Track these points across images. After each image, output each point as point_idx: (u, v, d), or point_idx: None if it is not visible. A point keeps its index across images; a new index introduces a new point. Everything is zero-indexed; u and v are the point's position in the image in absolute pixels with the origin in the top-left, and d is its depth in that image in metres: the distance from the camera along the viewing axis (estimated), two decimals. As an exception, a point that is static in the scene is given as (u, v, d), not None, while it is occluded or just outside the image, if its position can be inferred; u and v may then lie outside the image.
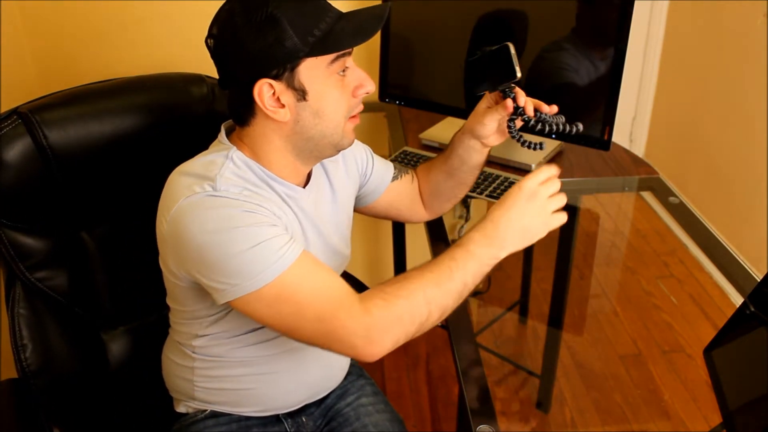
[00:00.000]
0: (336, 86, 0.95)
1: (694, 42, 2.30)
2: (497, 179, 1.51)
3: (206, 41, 0.98)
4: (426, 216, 1.32)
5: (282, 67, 0.91)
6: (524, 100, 1.06)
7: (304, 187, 1.05)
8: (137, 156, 1.22)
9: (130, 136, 1.19)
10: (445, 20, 1.64)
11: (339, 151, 1.02)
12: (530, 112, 1.06)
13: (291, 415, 1.18)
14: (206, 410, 1.14)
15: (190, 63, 1.94)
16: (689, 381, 1.07)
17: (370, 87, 0.97)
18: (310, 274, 0.90)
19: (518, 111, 1.05)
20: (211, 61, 0.98)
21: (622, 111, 1.47)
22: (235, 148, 0.98)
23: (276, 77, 0.91)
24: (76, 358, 1.18)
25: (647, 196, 1.56)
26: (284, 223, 0.96)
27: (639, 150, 2.61)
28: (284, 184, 1.00)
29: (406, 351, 2.19)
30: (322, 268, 0.92)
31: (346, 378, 1.25)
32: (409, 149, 1.67)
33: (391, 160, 1.59)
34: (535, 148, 1.06)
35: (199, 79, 1.28)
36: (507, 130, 1.10)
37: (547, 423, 1.03)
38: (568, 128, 1.05)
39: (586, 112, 1.51)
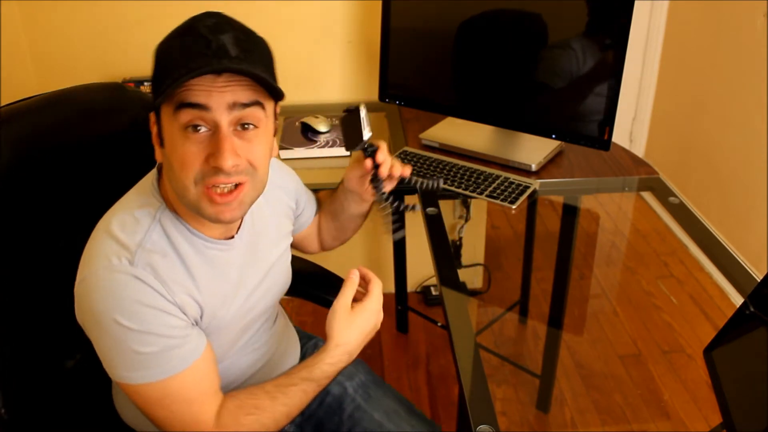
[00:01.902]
0: (182, 142, 0.84)
1: (694, 42, 2.30)
2: (497, 179, 1.51)
3: None
4: (317, 250, 1.31)
5: (153, 103, 0.86)
6: (384, 165, 1.06)
7: (233, 236, 0.99)
8: (62, 176, 1.11)
9: (54, 154, 1.09)
10: (445, 20, 1.64)
11: (206, 218, 0.89)
12: (383, 173, 1.06)
13: None
14: None
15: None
16: (689, 381, 1.07)
17: (220, 162, 0.82)
18: (191, 390, 0.91)
19: (375, 172, 1.07)
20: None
21: (622, 111, 1.47)
22: (163, 205, 0.92)
23: (156, 111, 0.87)
24: (43, 395, 1.11)
25: (647, 196, 1.56)
26: (198, 302, 0.93)
27: (639, 150, 2.61)
28: (213, 245, 0.95)
29: (406, 351, 2.19)
30: (206, 382, 0.93)
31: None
32: (409, 149, 1.67)
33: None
34: (404, 210, 1.08)
35: (118, 87, 1.22)
36: (372, 187, 1.11)
37: (547, 423, 1.03)
38: (430, 185, 1.09)
39: (586, 112, 1.51)
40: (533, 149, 1.63)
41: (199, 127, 0.83)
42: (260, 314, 1.10)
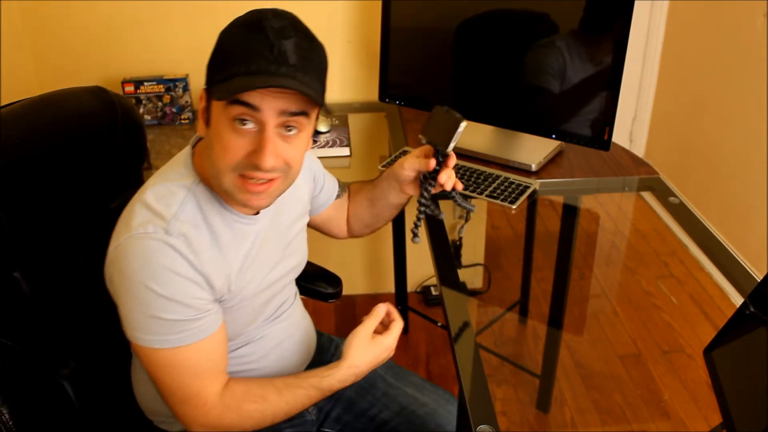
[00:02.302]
0: (228, 132, 0.88)
1: (694, 42, 2.30)
2: (497, 179, 1.51)
3: None
4: (345, 235, 1.34)
5: (207, 85, 0.92)
6: (447, 173, 1.09)
7: (258, 212, 1.03)
8: (50, 181, 1.10)
9: (40, 160, 1.08)
10: (445, 20, 1.64)
11: (237, 203, 0.96)
12: (442, 180, 1.09)
13: None
14: None
15: (189, 63, 1.95)
16: (689, 381, 1.07)
17: (261, 162, 0.87)
18: (197, 364, 0.96)
19: (433, 173, 1.09)
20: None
21: (622, 111, 1.47)
22: (197, 179, 0.97)
23: (207, 91, 0.92)
24: (44, 405, 1.10)
25: (647, 196, 1.56)
26: (226, 275, 0.98)
27: (639, 150, 2.61)
28: (240, 219, 1.00)
29: (406, 351, 2.19)
30: (214, 360, 0.98)
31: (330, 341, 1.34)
32: (409, 149, 1.67)
33: (392, 160, 1.60)
34: (433, 213, 1.12)
35: (101, 91, 1.21)
36: (419, 184, 1.13)
37: (547, 423, 1.03)
38: (466, 207, 1.14)
39: (586, 112, 1.51)
40: (533, 149, 1.63)
41: (246, 122, 0.88)
42: (280, 290, 1.14)
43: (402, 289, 2.21)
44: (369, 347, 1.05)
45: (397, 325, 1.09)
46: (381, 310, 1.08)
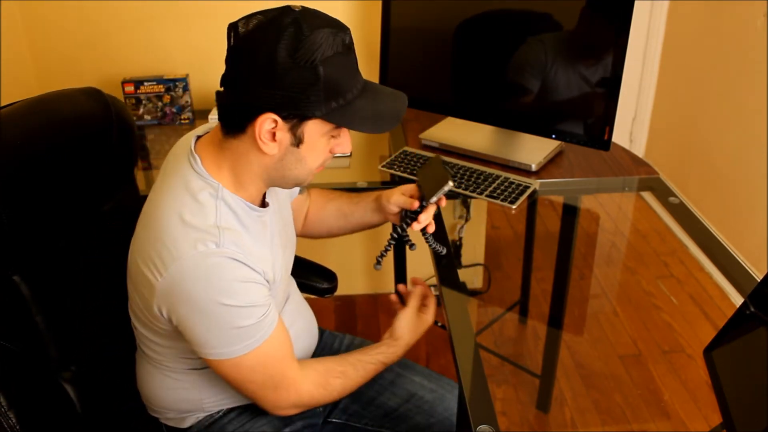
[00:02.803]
0: (326, 144, 0.99)
1: (694, 42, 2.30)
2: (497, 179, 1.51)
3: (231, 32, 0.93)
4: (298, 233, 1.36)
5: (295, 113, 0.92)
6: (426, 217, 1.17)
7: (263, 206, 1.08)
8: (46, 183, 1.09)
9: (36, 161, 1.08)
10: (445, 20, 1.64)
11: (299, 186, 1.06)
12: (421, 221, 1.17)
13: None
14: (221, 409, 1.15)
15: (189, 63, 1.95)
16: (689, 381, 1.07)
17: (346, 151, 1.03)
18: (280, 347, 1.03)
19: (414, 213, 1.17)
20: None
21: (622, 111, 1.47)
22: (220, 185, 0.98)
23: (284, 117, 0.92)
24: (47, 408, 1.10)
25: (647, 196, 1.56)
26: (270, 265, 1.03)
27: (639, 150, 2.61)
28: (258, 211, 1.03)
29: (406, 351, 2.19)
30: (285, 335, 1.05)
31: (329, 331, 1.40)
32: (409, 149, 1.67)
33: (392, 161, 1.60)
34: (409, 245, 1.24)
35: (95, 92, 1.21)
36: (399, 219, 1.22)
37: (547, 423, 1.03)
38: (438, 249, 1.24)
39: (586, 112, 1.51)
40: (533, 149, 1.63)
41: (339, 135, 1.00)
42: (288, 278, 1.20)
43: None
44: (416, 325, 1.20)
45: (432, 302, 1.24)
46: (419, 291, 1.24)
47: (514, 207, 1.43)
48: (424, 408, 1.26)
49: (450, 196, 1.49)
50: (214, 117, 1.80)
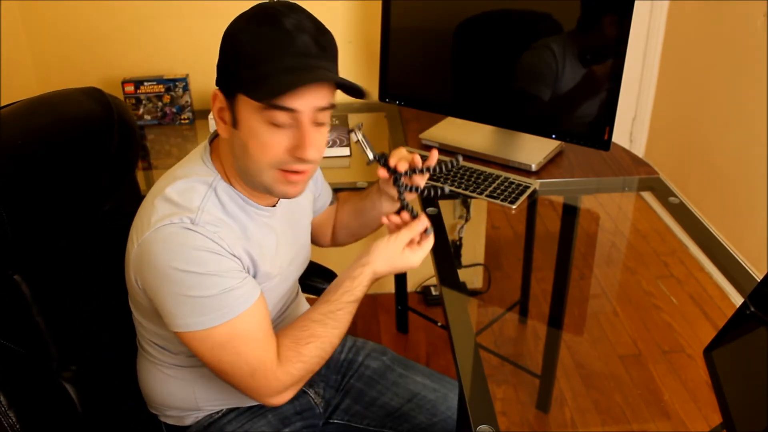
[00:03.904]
0: (265, 133, 0.91)
1: (694, 42, 2.30)
2: (497, 179, 1.51)
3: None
4: (328, 243, 1.36)
5: (225, 87, 0.93)
6: (394, 163, 1.11)
7: (275, 204, 1.08)
8: (47, 183, 1.09)
9: (37, 161, 1.08)
10: (445, 20, 1.64)
11: (275, 195, 1.00)
12: (401, 169, 1.11)
13: (309, 384, 1.23)
14: (221, 409, 1.16)
15: (189, 63, 1.95)
16: (689, 381, 1.07)
17: (306, 155, 0.91)
18: (254, 330, 0.97)
19: (392, 172, 1.12)
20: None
21: (622, 111, 1.47)
22: (218, 176, 0.99)
23: (224, 93, 0.93)
24: (47, 407, 1.09)
25: (647, 196, 1.56)
26: (253, 255, 1.00)
27: (639, 150, 2.61)
28: (259, 209, 1.03)
29: (406, 351, 2.19)
30: (266, 323, 0.99)
31: None
32: (410, 149, 1.67)
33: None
34: (411, 212, 1.11)
35: (96, 92, 1.21)
36: (395, 188, 1.15)
37: (547, 423, 1.03)
38: (448, 164, 1.14)
39: (586, 112, 1.51)
40: (533, 149, 1.63)
41: (283, 123, 0.91)
42: (293, 285, 1.19)
43: (402, 289, 2.21)
44: (394, 256, 1.06)
45: (429, 242, 1.08)
46: (419, 227, 1.08)
47: (514, 207, 1.43)
48: (427, 407, 1.26)
49: (450, 196, 1.49)
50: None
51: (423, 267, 1.09)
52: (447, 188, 1.14)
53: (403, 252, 1.06)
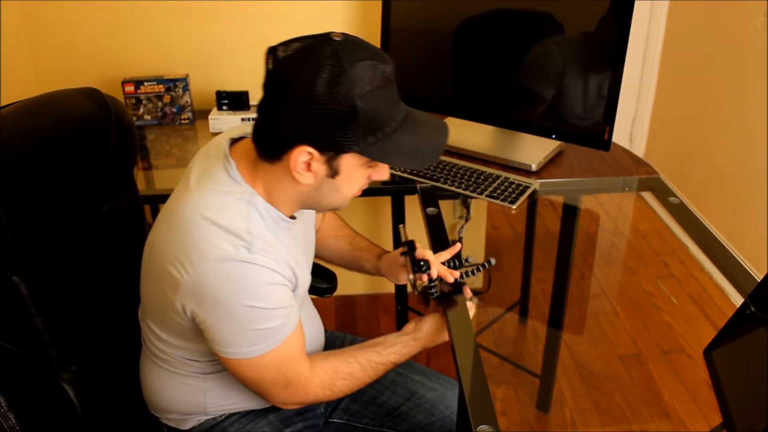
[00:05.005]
0: (363, 174, 0.98)
1: (694, 42, 2.30)
2: (497, 179, 1.51)
3: (269, 57, 0.92)
4: None
5: (331, 147, 0.91)
6: (435, 275, 1.18)
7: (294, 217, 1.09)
8: (46, 183, 1.08)
9: (35, 161, 1.07)
10: (445, 20, 1.64)
11: (336, 209, 1.07)
12: (433, 274, 1.18)
13: None
14: (224, 413, 1.16)
15: (189, 63, 1.95)
16: (689, 381, 1.07)
17: (384, 178, 1.01)
18: (296, 349, 1.02)
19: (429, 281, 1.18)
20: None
21: (622, 111, 1.47)
22: (254, 192, 0.98)
23: (320, 150, 0.91)
24: (47, 408, 1.09)
25: (647, 196, 1.56)
26: (294, 273, 1.02)
27: (639, 150, 2.62)
28: (288, 222, 1.04)
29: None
30: (303, 339, 1.05)
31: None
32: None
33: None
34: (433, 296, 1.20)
35: (94, 92, 1.20)
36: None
37: (547, 423, 1.03)
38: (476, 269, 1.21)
39: (586, 113, 1.51)
40: (533, 149, 1.63)
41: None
42: (306, 290, 1.20)
43: (402, 289, 2.21)
44: (441, 333, 1.16)
45: (471, 312, 1.17)
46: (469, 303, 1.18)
47: (514, 207, 1.43)
48: (425, 406, 1.26)
49: (450, 196, 1.50)
50: (214, 117, 1.80)
51: (423, 267, 1.09)
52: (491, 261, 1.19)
53: (444, 327, 1.16)
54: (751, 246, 2.01)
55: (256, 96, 1.90)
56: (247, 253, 0.92)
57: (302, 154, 0.91)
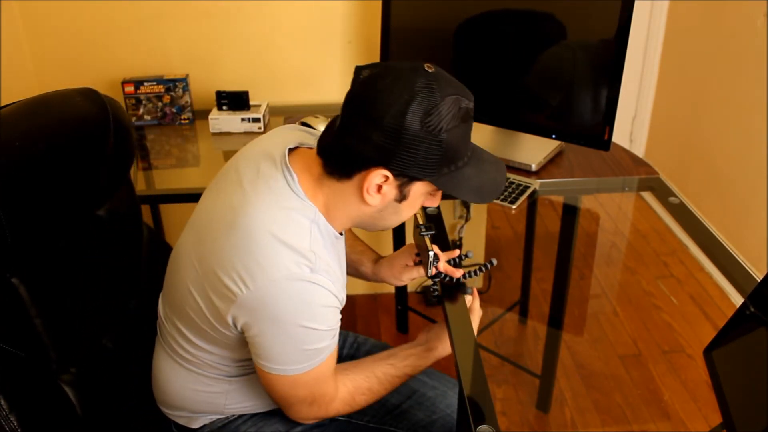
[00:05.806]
0: (422, 201, 1.00)
1: (694, 42, 2.30)
2: (497, 179, 1.51)
3: (357, 75, 0.94)
4: None
5: (408, 174, 0.93)
6: (444, 267, 1.19)
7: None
8: (45, 184, 1.08)
9: (34, 162, 1.06)
10: (445, 20, 1.64)
11: (382, 230, 1.10)
12: (440, 268, 1.19)
13: None
14: (236, 414, 1.16)
15: (189, 63, 1.95)
16: (689, 381, 1.07)
17: (435, 205, 1.04)
18: (330, 369, 1.03)
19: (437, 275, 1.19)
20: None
21: (622, 111, 1.47)
22: (317, 210, 0.98)
23: (396, 175, 0.92)
24: (47, 411, 1.08)
25: (647, 196, 1.56)
26: (344, 287, 1.04)
27: (639, 150, 2.61)
28: (339, 238, 1.05)
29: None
30: (335, 359, 1.05)
31: None
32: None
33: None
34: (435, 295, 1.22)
35: (92, 93, 1.20)
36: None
37: (547, 423, 1.03)
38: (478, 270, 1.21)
39: (586, 112, 1.51)
40: (533, 149, 1.63)
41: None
42: None
43: (402, 289, 2.21)
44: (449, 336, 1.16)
45: (476, 317, 1.18)
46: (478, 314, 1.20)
47: (514, 207, 1.43)
48: (426, 405, 1.27)
49: (450, 196, 1.50)
50: (214, 117, 1.80)
51: (423, 267, 1.09)
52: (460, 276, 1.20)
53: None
54: (751, 246, 2.01)
55: (255, 96, 1.91)
56: (310, 273, 0.92)
57: (378, 177, 0.91)
